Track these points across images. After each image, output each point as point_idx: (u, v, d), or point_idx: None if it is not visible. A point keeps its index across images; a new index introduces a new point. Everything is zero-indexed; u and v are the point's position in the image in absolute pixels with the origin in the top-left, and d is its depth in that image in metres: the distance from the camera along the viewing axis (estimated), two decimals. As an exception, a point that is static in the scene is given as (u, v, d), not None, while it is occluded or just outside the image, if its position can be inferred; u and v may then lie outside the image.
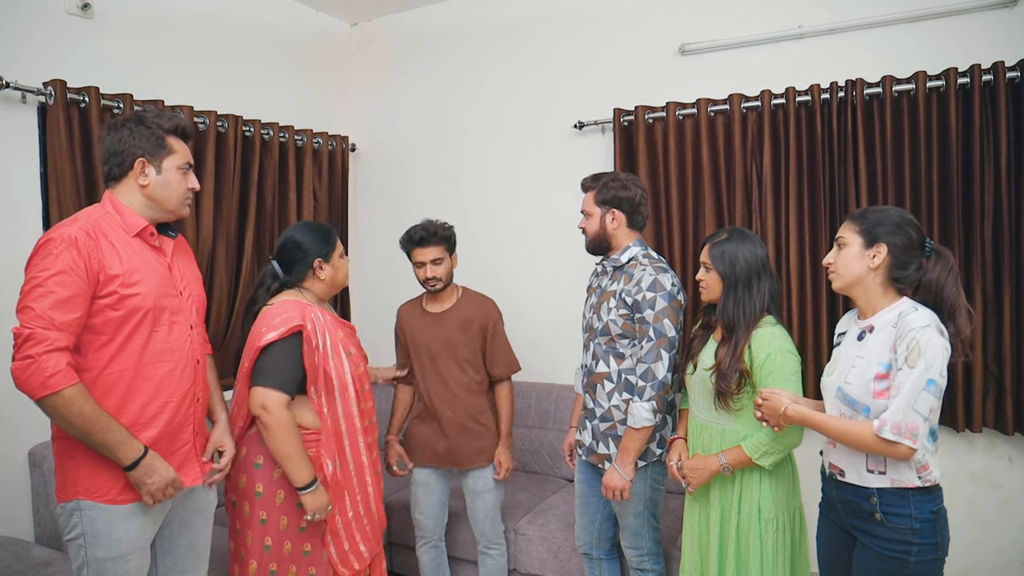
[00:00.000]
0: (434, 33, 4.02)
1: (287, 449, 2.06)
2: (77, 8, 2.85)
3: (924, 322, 1.71)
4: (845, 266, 1.85)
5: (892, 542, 1.76)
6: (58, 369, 1.65)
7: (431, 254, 2.68)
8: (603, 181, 2.41)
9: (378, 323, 4.20)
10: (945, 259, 1.79)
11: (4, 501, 2.68)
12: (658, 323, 2.26)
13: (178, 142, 1.93)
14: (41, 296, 1.67)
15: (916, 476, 1.75)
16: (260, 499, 2.13)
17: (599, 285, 2.48)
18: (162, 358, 1.86)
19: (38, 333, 1.65)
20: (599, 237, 2.42)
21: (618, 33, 3.51)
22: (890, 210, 1.86)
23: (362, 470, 2.25)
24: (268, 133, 3.52)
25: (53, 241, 1.72)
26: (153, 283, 1.85)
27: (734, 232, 2.16)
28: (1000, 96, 2.68)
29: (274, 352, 2.08)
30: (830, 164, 2.97)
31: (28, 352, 1.64)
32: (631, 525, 2.44)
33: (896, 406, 1.68)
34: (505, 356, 2.81)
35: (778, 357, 2.03)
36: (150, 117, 1.90)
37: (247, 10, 3.60)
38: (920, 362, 1.67)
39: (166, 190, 1.91)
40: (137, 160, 1.86)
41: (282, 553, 2.14)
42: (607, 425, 2.41)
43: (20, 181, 2.72)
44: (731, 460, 2.07)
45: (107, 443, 1.72)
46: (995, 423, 2.80)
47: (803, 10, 3.11)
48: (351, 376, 2.20)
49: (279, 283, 2.26)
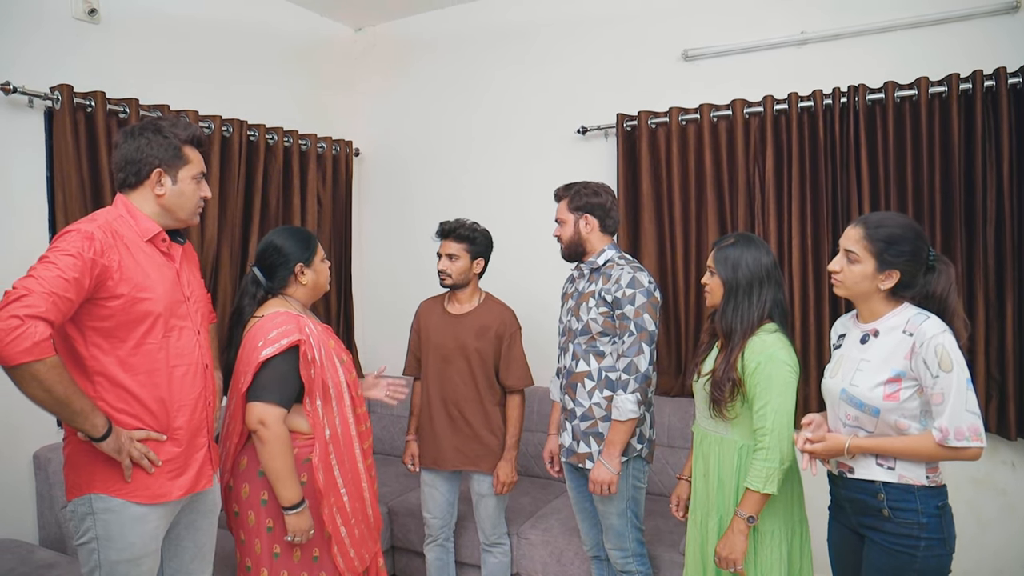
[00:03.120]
0: (438, 38, 4.04)
1: (280, 465, 2.04)
2: (84, 14, 2.87)
3: (940, 327, 1.74)
4: (855, 283, 1.85)
5: (900, 537, 1.78)
6: (45, 336, 1.59)
7: (449, 248, 2.72)
8: (575, 189, 2.51)
9: (381, 328, 4.23)
10: (948, 271, 1.83)
11: (9, 504, 2.69)
12: (638, 318, 2.33)
13: (193, 152, 1.95)
14: (47, 269, 1.65)
15: (925, 475, 1.77)
16: (266, 507, 2.11)
17: (576, 289, 2.55)
18: (175, 363, 1.87)
19: (34, 296, 1.59)
20: (574, 242, 2.50)
21: (622, 39, 3.52)
22: (903, 224, 1.83)
23: (358, 476, 2.25)
24: (272, 138, 3.53)
25: (72, 232, 1.74)
26: (164, 289, 1.85)
27: (741, 238, 2.13)
28: (1002, 101, 2.69)
29: (273, 367, 2.05)
30: (832, 169, 2.98)
31: (16, 312, 1.56)
32: (614, 525, 2.46)
33: (951, 412, 1.69)
34: (519, 368, 2.79)
35: (768, 367, 1.98)
36: (167, 127, 1.91)
37: (252, 15, 3.63)
38: (955, 365, 1.70)
39: (180, 199, 1.92)
40: (154, 170, 1.88)
41: (292, 561, 2.13)
42: (588, 424, 2.45)
43: (27, 185, 2.74)
44: (749, 509, 1.99)
45: (85, 409, 1.68)
46: (998, 428, 2.80)
47: (806, 16, 3.12)
48: (347, 383, 2.21)
49: (262, 291, 2.23)
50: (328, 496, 2.14)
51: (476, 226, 2.76)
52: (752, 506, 1.97)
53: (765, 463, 1.95)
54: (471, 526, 3.04)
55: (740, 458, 2.06)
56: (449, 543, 2.94)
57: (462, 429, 2.76)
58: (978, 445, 1.70)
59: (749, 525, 1.99)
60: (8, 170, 2.69)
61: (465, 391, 2.75)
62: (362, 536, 2.24)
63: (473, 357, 2.74)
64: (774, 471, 1.95)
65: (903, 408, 1.77)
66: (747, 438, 2.06)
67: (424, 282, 3.40)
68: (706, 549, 2.15)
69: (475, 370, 2.75)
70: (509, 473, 2.74)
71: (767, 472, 1.95)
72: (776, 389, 1.97)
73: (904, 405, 1.77)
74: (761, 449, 1.97)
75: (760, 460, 1.96)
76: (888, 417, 1.79)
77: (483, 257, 2.78)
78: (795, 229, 3.03)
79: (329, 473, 2.15)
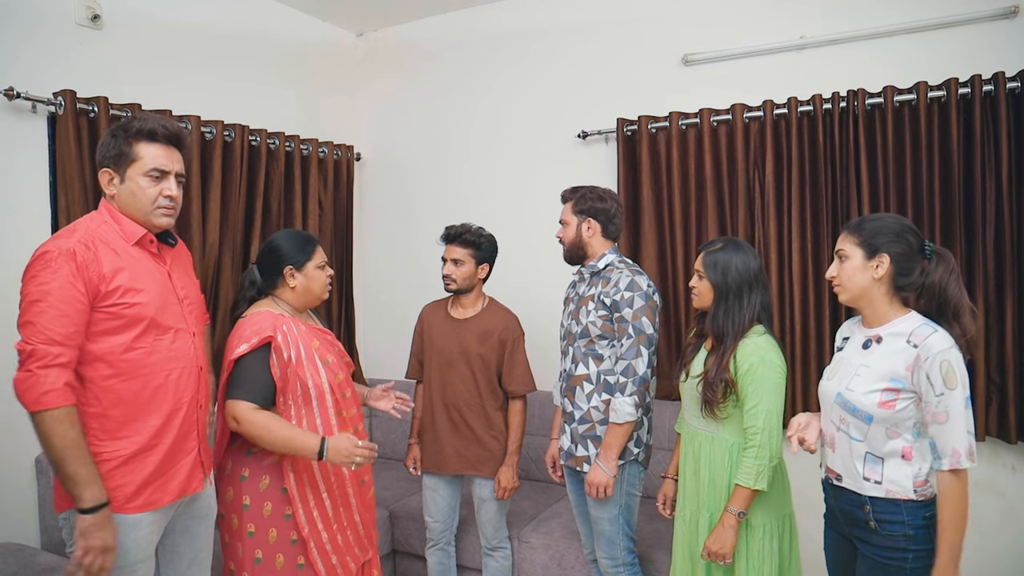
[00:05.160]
0: (439, 43, 4.05)
1: (277, 437, 2.02)
2: (87, 19, 2.89)
3: (948, 343, 1.72)
4: (850, 279, 1.85)
5: (888, 549, 1.77)
6: (55, 387, 1.64)
7: (454, 252, 2.73)
8: (581, 193, 2.52)
9: (382, 332, 4.23)
10: (946, 260, 1.79)
11: (11, 507, 2.70)
12: (637, 321, 2.34)
13: (148, 147, 1.82)
14: (41, 311, 1.66)
15: (912, 489, 1.76)
16: (248, 511, 2.10)
17: (576, 293, 2.57)
18: (168, 365, 1.85)
19: (40, 349, 1.64)
20: (575, 245, 2.51)
21: (622, 44, 3.54)
22: (886, 218, 1.86)
23: (343, 480, 2.20)
24: (274, 142, 3.55)
25: (50, 254, 1.71)
26: (154, 292, 1.84)
27: (728, 242, 2.18)
28: (1001, 106, 2.69)
29: (244, 364, 2.06)
30: (832, 173, 2.99)
31: (29, 366, 1.64)
32: (606, 532, 2.46)
33: (958, 434, 1.68)
34: (522, 374, 2.79)
35: (760, 368, 2.04)
36: (125, 123, 1.84)
37: (254, 21, 3.64)
38: (958, 383, 1.68)
39: (132, 199, 1.83)
40: (101, 171, 1.84)
41: (275, 566, 2.10)
42: (586, 427, 2.45)
43: (30, 190, 2.75)
44: (739, 505, 2.04)
45: (78, 476, 1.66)
46: (998, 432, 2.80)
47: (805, 21, 3.13)
48: (328, 384, 2.16)
49: (256, 290, 2.24)
50: (305, 500, 2.12)
51: (482, 231, 2.77)
52: (742, 502, 2.04)
53: (756, 460, 2.02)
54: (472, 530, 3.04)
55: (731, 456, 2.12)
56: (450, 547, 2.95)
57: (464, 433, 2.76)
58: (971, 465, 1.69)
59: (739, 520, 2.05)
60: (11, 175, 2.70)
61: (467, 395, 2.76)
62: (346, 542, 2.20)
63: (476, 362, 2.74)
64: (764, 468, 2.02)
65: (896, 418, 1.76)
66: (738, 436, 2.12)
67: (425, 286, 3.42)
68: (696, 546, 2.20)
69: (478, 375, 2.75)
70: (511, 478, 2.75)
71: (758, 469, 2.02)
72: (767, 389, 2.05)
73: (898, 415, 1.76)
74: (752, 447, 2.04)
75: (751, 457, 2.03)
76: (879, 426, 1.78)
77: (488, 262, 2.79)
78: (795, 233, 3.04)
79: (304, 475, 2.12)
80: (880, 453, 1.79)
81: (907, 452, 1.76)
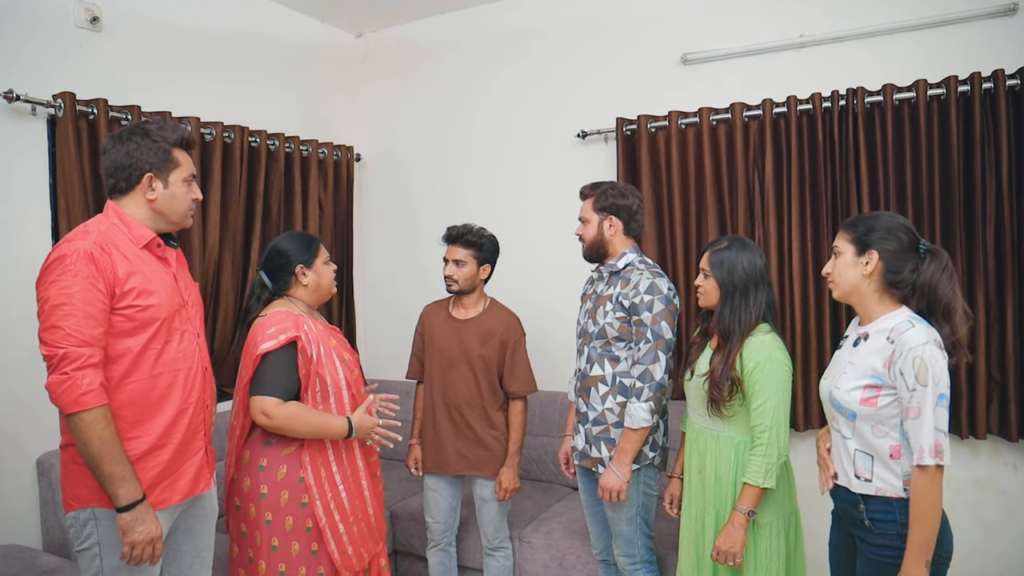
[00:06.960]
0: (438, 44, 4.05)
1: (309, 424, 2.13)
2: (86, 22, 2.89)
3: (923, 339, 1.69)
4: (841, 275, 1.86)
5: (882, 547, 1.77)
6: (92, 388, 1.67)
7: (455, 253, 2.73)
8: (601, 189, 2.46)
9: (383, 332, 4.24)
10: (939, 259, 1.77)
11: (12, 509, 2.70)
12: (656, 325, 2.30)
13: (182, 154, 1.94)
14: (68, 315, 1.68)
15: (902, 488, 1.75)
16: (265, 500, 2.16)
17: (594, 291, 2.52)
18: (176, 367, 1.88)
19: (72, 352, 1.66)
20: (596, 243, 2.46)
21: (621, 43, 3.53)
22: (881, 216, 1.86)
23: (357, 473, 2.29)
24: (274, 143, 3.55)
25: (69, 257, 1.72)
26: (164, 294, 1.87)
27: (734, 240, 2.18)
28: (1000, 104, 2.69)
29: (270, 362, 2.13)
30: (832, 172, 2.99)
31: (64, 369, 1.66)
32: (624, 532, 2.45)
33: (926, 431, 1.66)
34: (523, 375, 2.79)
35: (767, 366, 2.05)
36: (155, 130, 1.90)
37: (253, 22, 3.64)
38: (930, 380, 1.66)
39: (172, 203, 1.92)
40: (145, 175, 1.87)
41: (290, 554, 2.16)
42: (600, 428, 2.43)
43: (29, 192, 2.75)
44: (748, 504, 2.04)
45: (114, 474, 1.71)
46: (999, 430, 2.80)
47: (804, 19, 3.13)
48: (346, 380, 2.25)
49: (268, 293, 2.30)
50: (323, 491, 2.18)
51: (483, 232, 2.77)
52: (751, 500, 2.04)
53: (764, 459, 2.02)
54: (474, 530, 3.04)
55: (737, 454, 2.12)
56: (452, 547, 2.95)
57: (465, 434, 2.76)
58: (939, 463, 1.65)
59: (749, 519, 2.05)
60: (11, 177, 2.71)
61: (468, 396, 2.76)
62: (361, 534, 2.27)
63: (477, 362, 2.74)
64: (773, 465, 2.02)
65: (880, 416, 1.76)
66: (744, 434, 2.12)
67: (425, 286, 3.42)
68: (702, 544, 2.19)
69: (479, 375, 2.75)
70: (512, 479, 2.75)
71: (767, 467, 2.02)
72: (774, 387, 2.05)
73: (881, 412, 1.75)
74: (760, 445, 2.04)
75: (759, 456, 2.03)
76: (865, 424, 1.78)
77: (490, 263, 2.79)
78: (795, 232, 3.04)
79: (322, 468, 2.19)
80: (869, 451, 1.79)
81: (895, 451, 1.76)
